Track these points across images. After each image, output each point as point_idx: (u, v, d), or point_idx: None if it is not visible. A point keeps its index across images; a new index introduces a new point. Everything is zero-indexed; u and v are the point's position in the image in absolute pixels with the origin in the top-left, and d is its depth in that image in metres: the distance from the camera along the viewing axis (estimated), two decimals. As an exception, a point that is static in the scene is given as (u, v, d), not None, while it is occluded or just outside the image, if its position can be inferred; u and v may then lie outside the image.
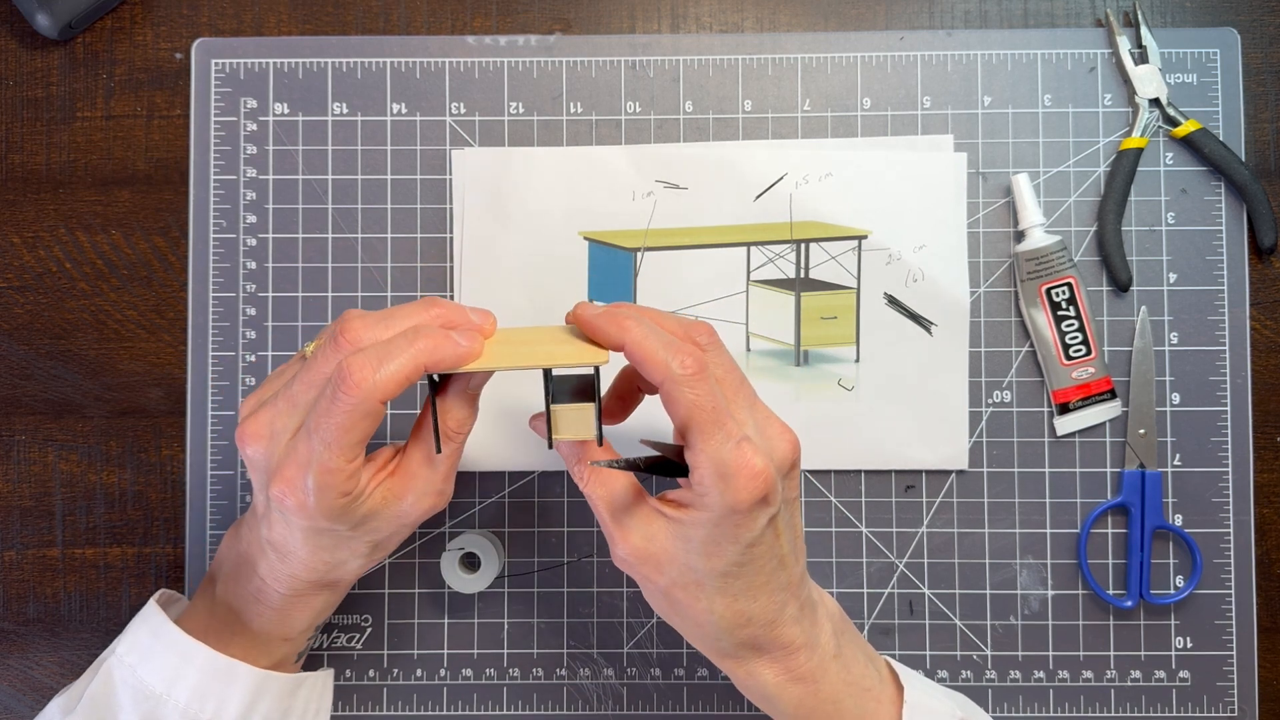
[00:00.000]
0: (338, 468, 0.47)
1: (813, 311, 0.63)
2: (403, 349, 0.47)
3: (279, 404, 0.49)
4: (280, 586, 0.52)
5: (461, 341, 0.48)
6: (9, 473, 0.64)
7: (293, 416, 0.48)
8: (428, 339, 0.47)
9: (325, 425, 0.46)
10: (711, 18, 0.65)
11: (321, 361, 0.48)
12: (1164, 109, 0.63)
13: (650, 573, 0.49)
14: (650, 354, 0.46)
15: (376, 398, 0.46)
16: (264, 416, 0.49)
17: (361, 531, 0.50)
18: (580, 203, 0.63)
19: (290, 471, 0.47)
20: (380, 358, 0.46)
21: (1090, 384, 0.62)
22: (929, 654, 0.63)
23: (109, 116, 0.65)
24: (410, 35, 0.65)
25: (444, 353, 0.48)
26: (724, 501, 0.46)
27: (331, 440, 0.46)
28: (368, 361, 0.46)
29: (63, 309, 0.64)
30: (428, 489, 0.51)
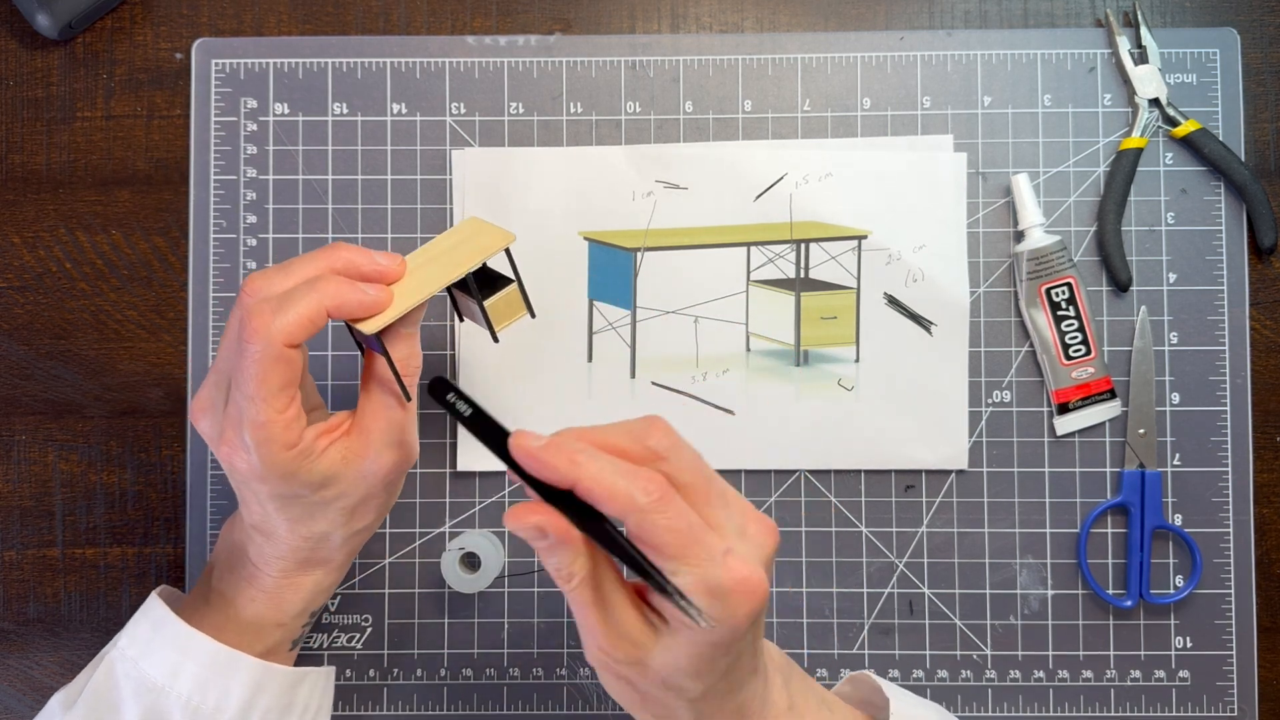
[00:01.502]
0: (267, 419, 0.47)
1: (813, 311, 0.63)
2: (302, 294, 0.47)
3: (210, 376, 0.50)
4: (270, 569, 0.52)
5: (369, 291, 0.48)
6: (9, 473, 0.64)
7: (222, 383, 0.49)
8: (328, 284, 0.48)
9: (242, 379, 0.47)
10: (711, 18, 0.65)
11: (231, 322, 0.49)
12: (1164, 109, 0.63)
13: (629, 679, 0.46)
14: (609, 489, 0.42)
15: (279, 341, 0.46)
16: (204, 392, 0.50)
17: (329, 496, 0.50)
18: (580, 203, 0.63)
19: (230, 434, 0.48)
20: (279, 303, 0.47)
21: (1090, 384, 0.62)
22: (929, 654, 0.63)
23: (109, 116, 0.65)
24: (410, 35, 0.65)
25: (346, 298, 0.48)
26: (712, 635, 0.43)
27: (252, 392, 0.47)
28: (266, 307, 0.47)
29: (63, 309, 0.64)
30: (387, 441, 0.51)
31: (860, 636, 0.63)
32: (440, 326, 0.64)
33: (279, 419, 0.47)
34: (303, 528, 0.51)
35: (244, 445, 0.48)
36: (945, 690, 0.63)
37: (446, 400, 0.45)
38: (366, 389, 0.51)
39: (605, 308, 0.63)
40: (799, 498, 0.63)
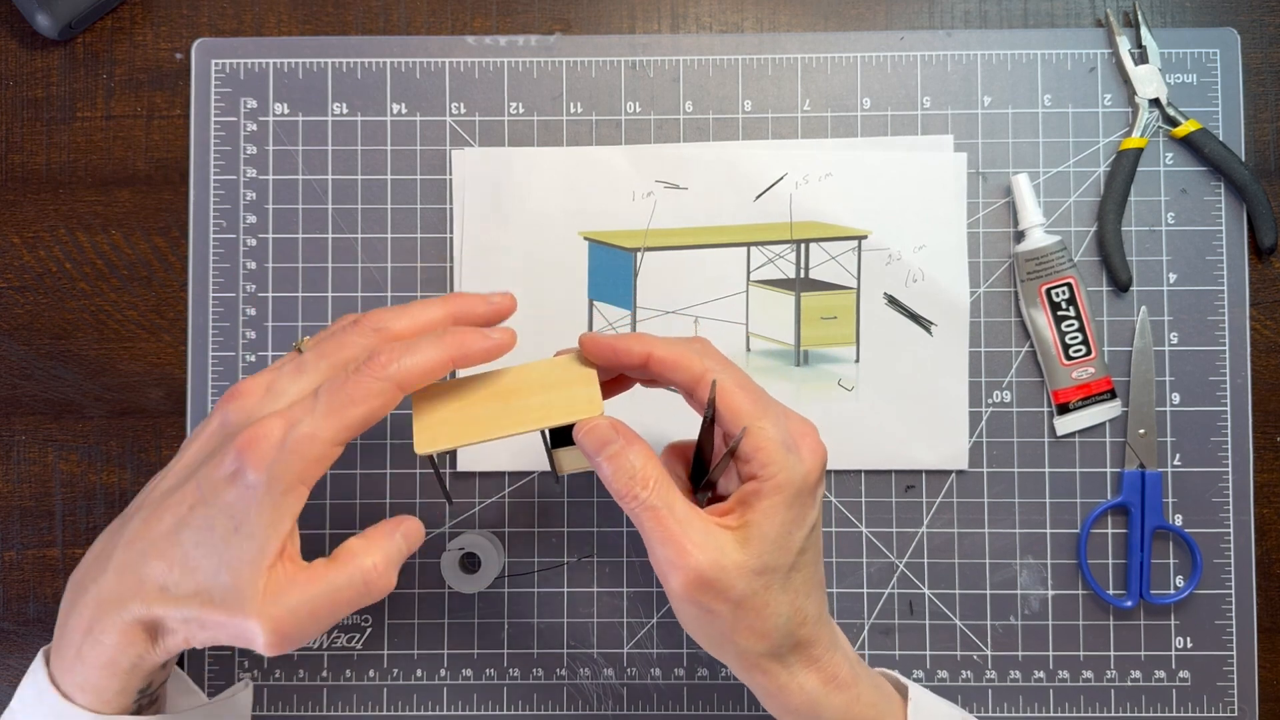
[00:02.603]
0: (325, 437, 0.45)
1: (813, 311, 0.63)
2: (430, 343, 0.47)
3: (284, 368, 0.48)
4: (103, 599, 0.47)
5: (492, 335, 0.49)
6: (9, 473, 0.64)
7: (296, 381, 0.48)
8: (456, 334, 0.48)
9: (337, 394, 0.46)
10: (711, 18, 0.65)
11: (341, 342, 0.48)
12: (1164, 109, 0.63)
13: (716, 596, 0.46)
14: (680, 355, 0.48)
15: (400, 383, 0.46)
16: (263, 377, 0.48)
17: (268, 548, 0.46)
18: (580, 203, 0.63)
19: (274, 423, 0.45)
20: (409, 347, 0.47)
21: (1090, 384, 0.62)
22: (929, 654, 0.63)
23: (109, 117, 0.65)
24: (410, 35, 0.65)
25: (473, 347, 0.48)
26: (794, 473, 0.47)
27: (337, 407, 0.46)
28: (397, 348, 0.47)
29: (63, 309, 0.64)
30: (290, 627, 0.46)
31: (861, 637, 0.63)
32: (440, 326, 0.64)
33: (332, 449, 0.46)
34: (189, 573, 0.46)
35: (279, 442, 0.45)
36: (945, 690, 0.63)
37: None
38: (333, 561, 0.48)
39: (605, 308, 0.63)
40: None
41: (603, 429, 0.48)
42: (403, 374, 0.47)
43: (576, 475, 0.63)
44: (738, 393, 0.48)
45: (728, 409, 0.48)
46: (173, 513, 0.47)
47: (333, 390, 0.46)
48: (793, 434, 0.48)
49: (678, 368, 0.49)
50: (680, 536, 0.46)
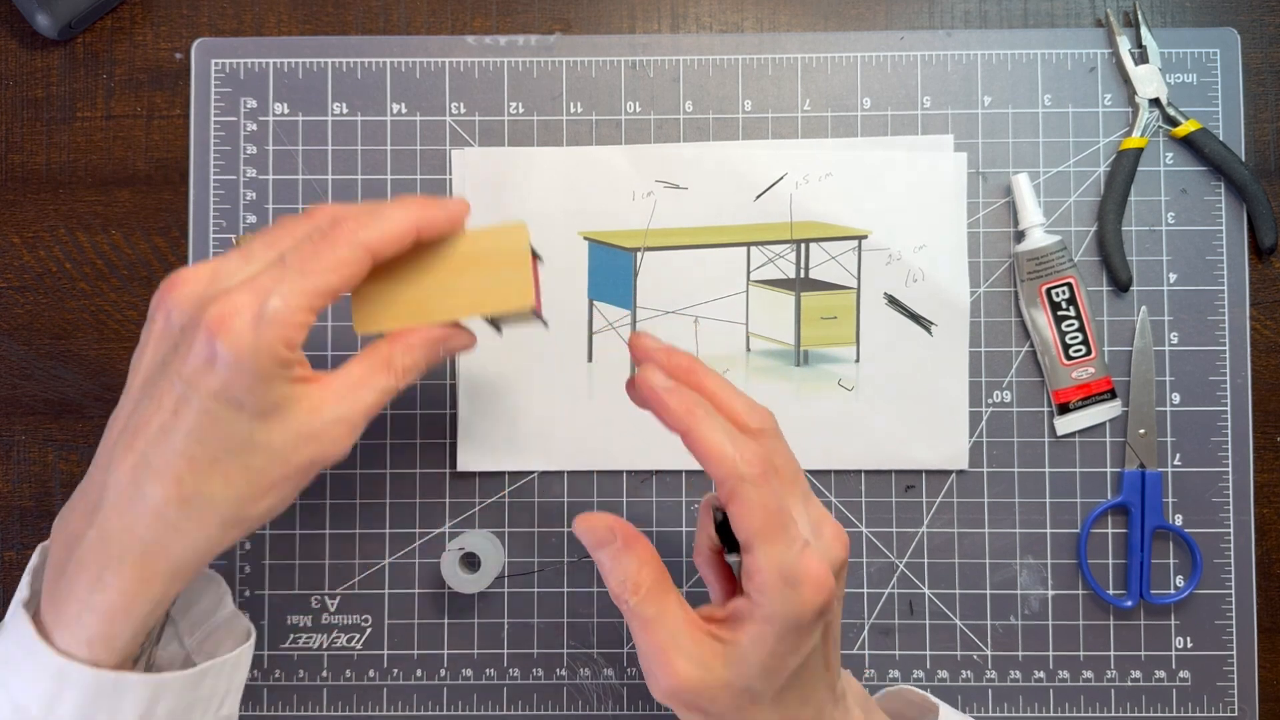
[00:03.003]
0: (300, 304, 0.43)
1: (813, 311, 0.63)
2: (393, 211, 0.46)
3: (229, 257, 0.45)
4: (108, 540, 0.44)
5: (449, 204, 0.48)
6: (9, 473, 0.64)
7: (246, 266, 0.45)
8: (416, 201, 0.47)
9: (305, 257, 0.44)
10: (711, 18, 0.65)
11: (295, 223, 0.46)
12: (1164, 109, 0.63)
13: (703, 705, 0.45)
14: (718, 450, 0.44)
15: (371, 248, 0.45)
16: (205, 266, 0.45)
17: (259, 439, 0.44)
18: (580, 203, 0.63)
19: (241, 297, 0.42)
20: (374, 212, 0.45)
21: (1090, 384, 0.62)
22: (929, 654, 0.63)
23: (109, 116, 0.65)
24: (410, 35, 0.65)
25: (434, 213, 0.47)
26: (788, 610, 0.43)
27: (309, 272, 0.43)
28: (362, 215, 0.45)
29: (63, 309, 0.64)
30: (349, 414, 0.45)
31: (860, 637, 0.63)
32: (440, 326, 0.63)
33: (307, 317, 0.44)
34: (195, 478, 0.43)
35: (257, 315, 0.42)
36: (945, 690, 0.63)
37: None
38: (368, 354, 0.47)
39: (605, 308, 0.63)
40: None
41: (600, 530, 0.46)
42: (373, 239, 0.45)
43: (576, 471, 0.63)
44: (756, 511, 0.44)
45: (738, 521, 0.44)
46: (155, 422, 0.43)
47: (303, 256, 0.44)
48: (801, 567, 0.43)
49: (708, 460, 0.45)
50: (667, 648, 0.44)
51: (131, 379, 0.46)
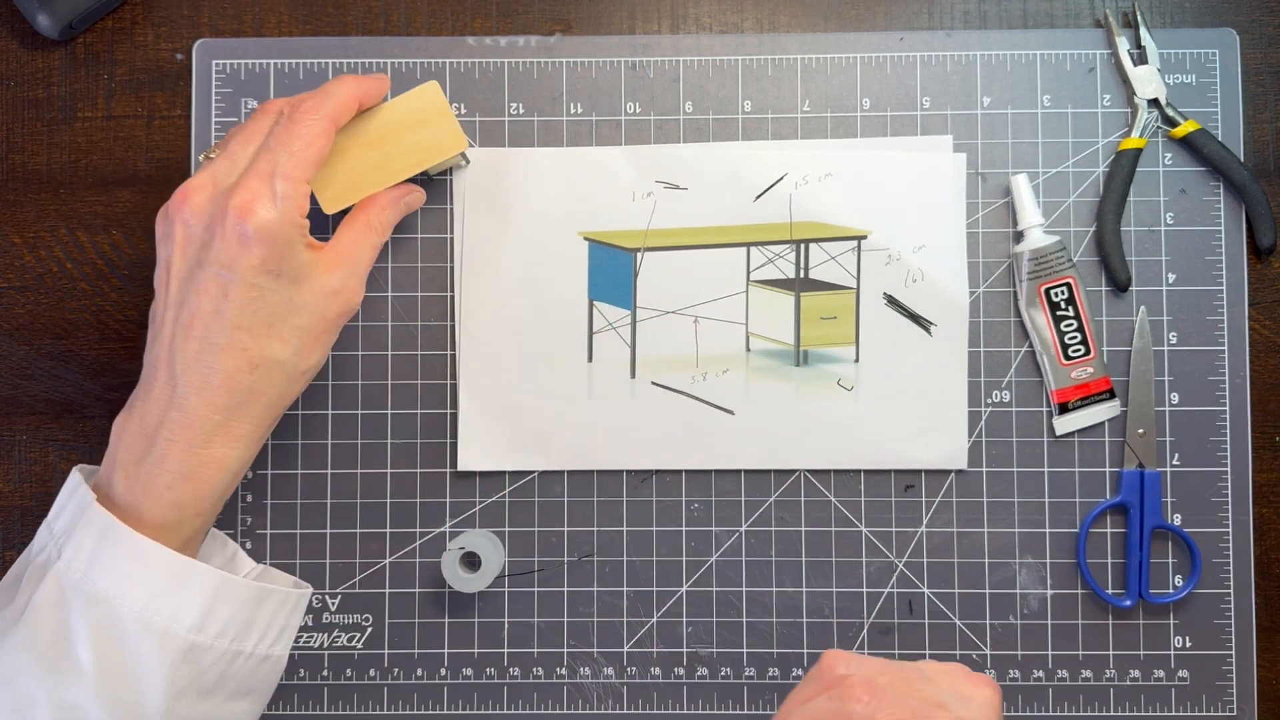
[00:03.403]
0: (300, 176, 0.51)
1: (812, 311, 0.63)
2: (335, 86, 0.55)
3: (217, 164, 0.53)
4: (190, 435, 0.51)
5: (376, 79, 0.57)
6: (10, 473, 0.65)
7: (235, 165, 0.52)
8: (351, 77, 0.56)
9: (290, 140, 0.52)
10: (711, 18, 0.65)
11: (256, 122, 0.54)
12: (1163, 109, 0.63)
13: None
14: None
15: (334, 118, 0.53)
16: (201, 176, 0.53)
17: (298, 301, 0.53)
18: (580, 203, 0.63)
19: (253, 183, 0.51)
20: (321, 94, 0.54)
21: (1089, 384, 0.63)
22: (928, 654, 0.63)
23: (110, 117, 0.65)
24: (410, 36, 0.65)
25: (368, 85, 0.56)
26: None
27: (295, 149, 0.52)
28: (313, 96, 0.54)
29: (63, 309, 0.64)
30: (355, 270, 0.55)
31: (860, 636, 0.63)
32: (441, 327, 0.64)
33: (306, 186, 0.52)
34: (257, 344, 0.52)
35: (272, 194, 0.51)
36: (945, 690, 0.63)
37: None
38: (352, 222, 0.57)
39: (605, 308, 0.63)
40: (799, 498, 0.63)
41: None
42: (331, 109, 0.53)
43: (576, 471, 0.63)
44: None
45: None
46: (208, 306, 0.51)
47: (283, 139, 0.52)
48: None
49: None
50: None
51: (162, 292, 0.53)
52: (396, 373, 0.64)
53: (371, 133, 0.59)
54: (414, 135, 0.59)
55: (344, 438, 0.63)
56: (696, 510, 0.63)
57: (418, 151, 0.59)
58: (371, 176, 0.59)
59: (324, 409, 0.63)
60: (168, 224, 0.53)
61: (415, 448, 0.63)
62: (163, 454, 0.51)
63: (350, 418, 0.64)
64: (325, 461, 0.63)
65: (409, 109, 0.59)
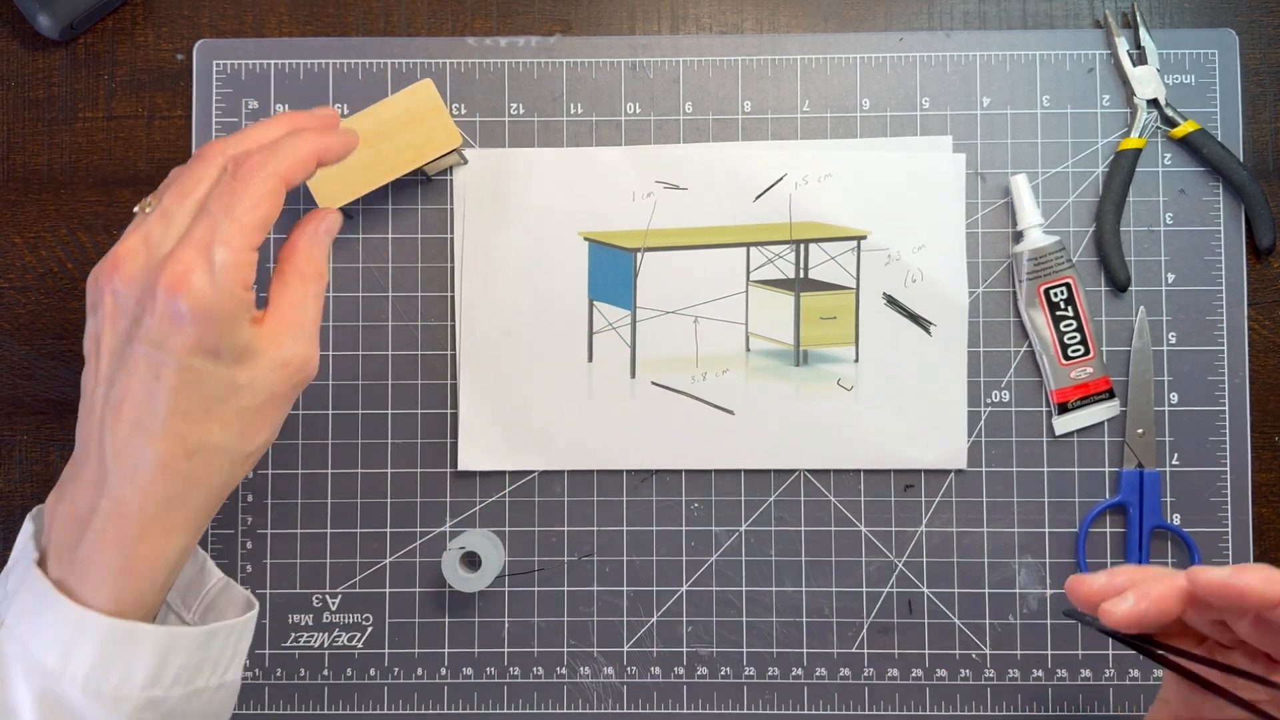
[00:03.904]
0: (243, 244, 0.44)
1: (812, 311, 0.63)
2: (292, 142, 0.47)
3: (150, 223, 0.46)
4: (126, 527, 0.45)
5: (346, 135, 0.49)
6: (11, 473, 0.65)
7: (171, 226, 0.46)
8: (311, 133, 0.48)
9: (233, 204, 0.45)
10: (711, 19, 0.65)
11: (195, 172, 0.47)
12: (1162, 110, 0.63)
13: None
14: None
15: (285, 177, 0.46)
16: (133, 239, 0.46)
17: (240, 380, 0.46)
18: (580, 203, 0.63)
19: (188, 255, 0.44)
20: (273, 149, 0.46)
21: (1089, 384, 0.63)
22: (928, 653, 0.63)
23: (110, 117, 0.65)
24: (411, 37, 0.65)
25: (331, 142, 0.48)
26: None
27: (238, 214, 0.45)
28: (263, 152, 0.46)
29: (64, 309, 0.65)
30: (300, 333, 0.48)
31: (859, 636, 0.63)
32: (441, 327, 0.64)
33: (250, 254, 0.45)
34: (195, 430, 0.45)
35: (209, 265, 0.44)
36: (944, 689, 0.63)
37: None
38: (283, 277, 0.49)
39: (605, 308, 0.63)
40: (798, 497, 0.63)
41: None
42: (284, 168, 0.46)
43: (576, 471, 0.63)
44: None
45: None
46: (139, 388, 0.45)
47: (226, 201, 0.45)
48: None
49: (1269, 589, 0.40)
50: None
51: (93, 363, 0.47)
52: (396, 373, 0.64)
53: (366, 131, 0.59)
54: (408, 133, 0.60)
55: (344, 438, 0.64)
56: (696, 510, 0.63)
57: (412, 149, 0.60)
58: (366, 175, 0.60)
59: (324, 409, 0.64)
60: (97, 291, 0.46)
61: (415, 448, 0.64)
62: (95, 545, 0.46)
63: (350, 418, 0.64)
64: (325, 461, 0.63)
65: (403, 106, 0.60)
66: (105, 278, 0.46)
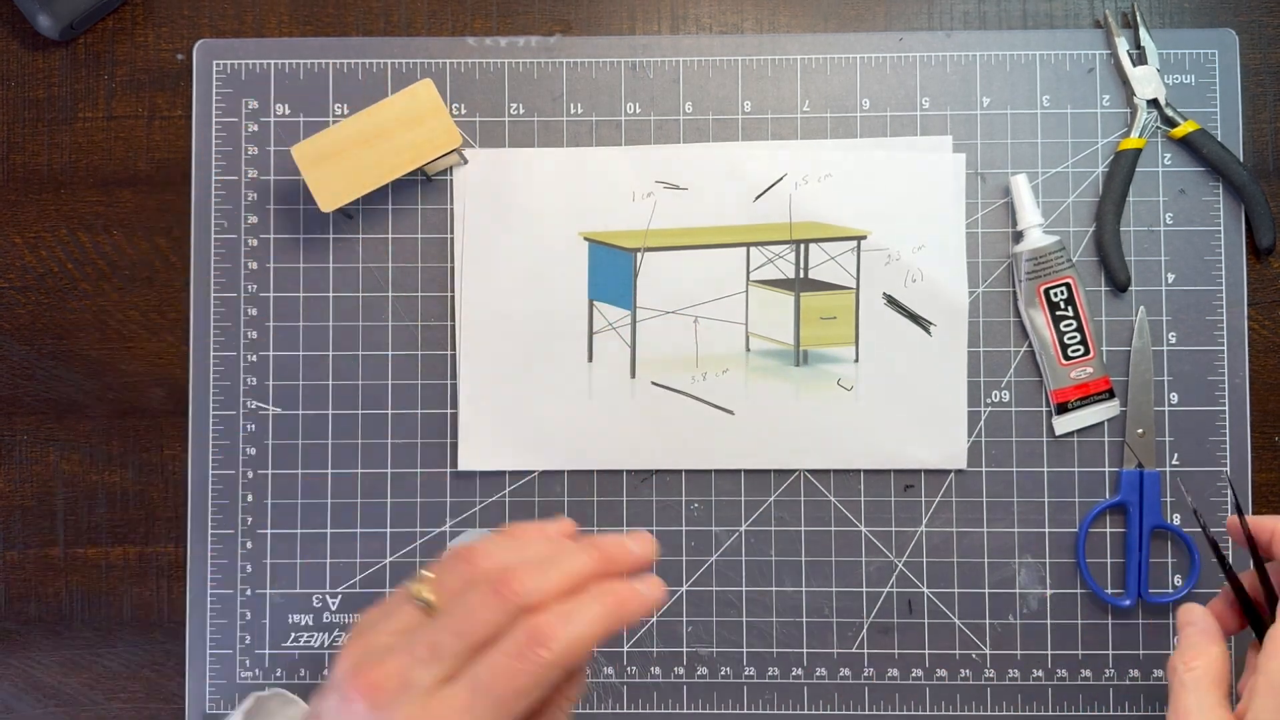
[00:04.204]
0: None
1: (812, 311, 0.63)
2: (587, 607, 0.42)
3: (416, 650, 0.42)
4: None
5: (649, 594, 0.43)
6: (11, 473, 0.65)
7: (436, 667, 0.41)
8: (610, 595, 0.43)
9: (503, 683, 0.41)
10: (711, 19, 0.65)
11: (480, 611, 0.42)
12: (1162, 110, 0.63)
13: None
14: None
15: (567, 663, 0.41)
16: (393, 665, 0.41)
17: None
18: (580, 203, 0.63)
19: (465, 699, 0.41)
20: (566, 617, 0.41)
21: (1089, 384, 0.63)
22: (928, 653, 0.63)
23: (110, 117, 0.65)
24: (411, 36, 0.65)
25: (631, 608, 0.43)
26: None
27: (505, 700, 0.40)
28: (559, 622, 0.41)
29: (64, 309, 0.65)
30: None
31: (859, 635, 0.63)
32: (441, 327, 0.64)
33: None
34: None
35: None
36: (944, 689, 0.63)
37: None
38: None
39: (605, 308, 0.63)
40: (798, 497, 0.63)
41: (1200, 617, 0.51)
42: (566, 653, 0.41)
43: (576, 471, 0.63)
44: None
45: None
46: None
47: (503, 678, 0.41)
48: None
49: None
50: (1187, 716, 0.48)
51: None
52: (396, 373, 0.64)
53: (367, 131, 0.60)
54: (409, 133, 0.60)
55: (344, 438, 0.64)
56: (696, 510, 0.63)
57: (412, 149, 0.60)
58: (368, 174, 0.60)
59: (324, 409, 0.64)
60: (343, 689, 0.42)
61: (415, 448, 0.64)
62: None
63: (350, 418, 0.64)
64: (325, 461, 0.63)
65: (403, 107, 0.60)
66: (358, 691, 0.41)
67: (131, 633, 0.64)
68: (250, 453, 0.64)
